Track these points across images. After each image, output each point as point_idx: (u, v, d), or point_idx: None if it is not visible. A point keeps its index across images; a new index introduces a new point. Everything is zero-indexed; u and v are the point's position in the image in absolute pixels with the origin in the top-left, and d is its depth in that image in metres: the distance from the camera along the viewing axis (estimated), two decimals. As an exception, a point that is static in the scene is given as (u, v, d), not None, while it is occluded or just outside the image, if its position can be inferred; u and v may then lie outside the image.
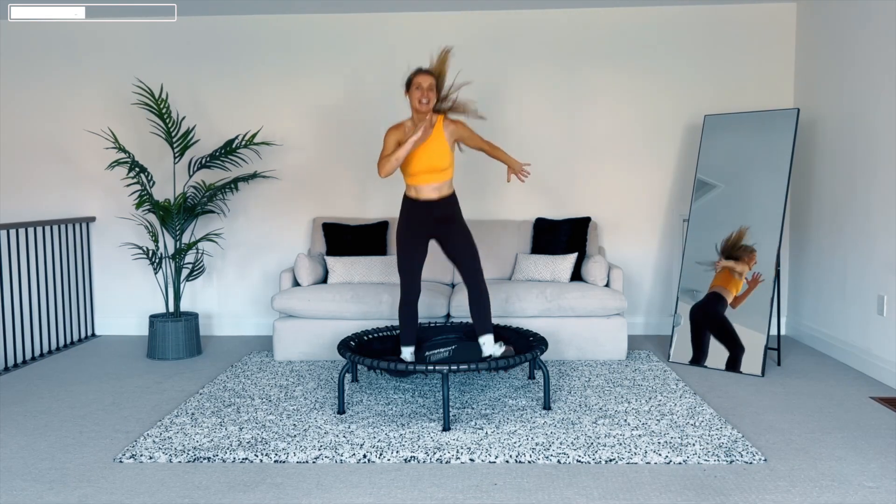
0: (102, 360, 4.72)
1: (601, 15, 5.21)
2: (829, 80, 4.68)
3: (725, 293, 4.41)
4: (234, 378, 4.19)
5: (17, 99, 5.38)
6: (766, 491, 2.66)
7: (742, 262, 4.37)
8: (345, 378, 3.96)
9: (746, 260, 4.36)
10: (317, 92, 5.33)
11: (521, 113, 5.27)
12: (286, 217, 5.42)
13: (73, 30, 5.32)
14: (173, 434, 3.26)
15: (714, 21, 5.18)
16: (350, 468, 2.90)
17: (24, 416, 3.58)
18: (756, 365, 4.19)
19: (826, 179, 4.70)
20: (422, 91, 3.55)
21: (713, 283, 4.48)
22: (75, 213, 5.42)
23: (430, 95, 3.56)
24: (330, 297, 4.54)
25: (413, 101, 3.59)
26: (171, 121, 4.83)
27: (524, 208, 5.33)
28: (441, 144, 3.62)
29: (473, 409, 3.57)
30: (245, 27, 5.30)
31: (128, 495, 2.68)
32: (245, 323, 5.49)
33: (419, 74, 3.59)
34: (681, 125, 5.26)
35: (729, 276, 4.42)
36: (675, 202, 5.31)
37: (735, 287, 4.38)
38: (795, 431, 3.27)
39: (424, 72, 3.60)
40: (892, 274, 3.96)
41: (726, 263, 4.42)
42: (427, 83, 3.56)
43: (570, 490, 2.68)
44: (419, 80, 3.57)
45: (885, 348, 4.03)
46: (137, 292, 5.47)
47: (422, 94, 3.55)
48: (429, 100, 3.56)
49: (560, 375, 4.17)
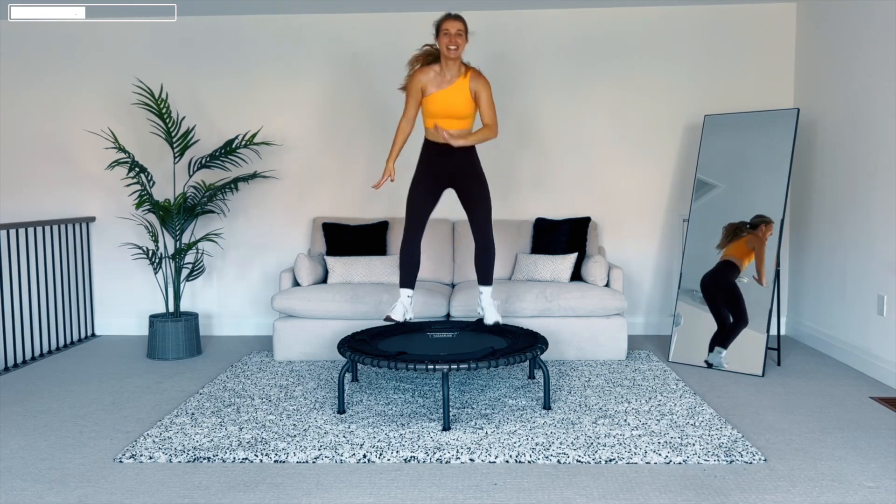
0: (102, 360, 4.72)
1: (601, 15, 5.21)
2: (829, 80, 4.68)
3: (738, 262, 4.38)
4: (234, 378, 4.19)
5: (17, 99, 5.38)
6: (766, 491, 2.66)
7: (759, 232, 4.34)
8: (345, 378, 3.96)
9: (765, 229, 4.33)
10: (317, 92, 5.33)
11: (521, 113, 5.26)
12: (286, 217, 5.42)
13: (73, 30, 5.32)
14: (173, 434, 3.26)
15: (714, 21, 5.18)
16: (350, 468, 2.90)
17: (24, 416, 3.58)
18: (756, 365, 4.19)
19: (826, 179, 4.70)
20: (450, 37, 3.57)
21: (726, 253, 4.46)
22: (75, 213, 5.42)
23: (457, 41, 3.57)
24: (330, 297, 4.54)
25: (441, 46, 3.61)
26: (171, 121, 4.83)
27: (524, 208, 5.33)
28: (464, 94, 3.67)
29: (473, 408, 3.57)
30: (245, 27, 5.30)
31: (128, 495, 2.68)
32: (245, 323, 5.49)
33: (448, 20, 3.61)
34: (681, 125, 5.26)
35: (742, 246, 4.39)
36: (675, 202, 5.31)
37: (748, 258, 4.35)
38: (795, 431, 3.27)
39: (453, 17, 3.61)
40: (892, 274, 3.96)
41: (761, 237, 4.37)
42: (455, 28, 3.57)
43: (570, 490, 2.68)
44: (447, 26, 3.58)
45: (885, 348, 4.03)
46: (137, 292, 5.47)
47: (450, 41, 3.57)
48: (457, 46, 3.57)
49: (560, 375, 4.17)
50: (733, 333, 4.27)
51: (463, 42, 3.60)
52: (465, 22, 3.67)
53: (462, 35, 3.60)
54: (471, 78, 3.69)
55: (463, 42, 3.60)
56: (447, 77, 3.70)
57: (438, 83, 3.71)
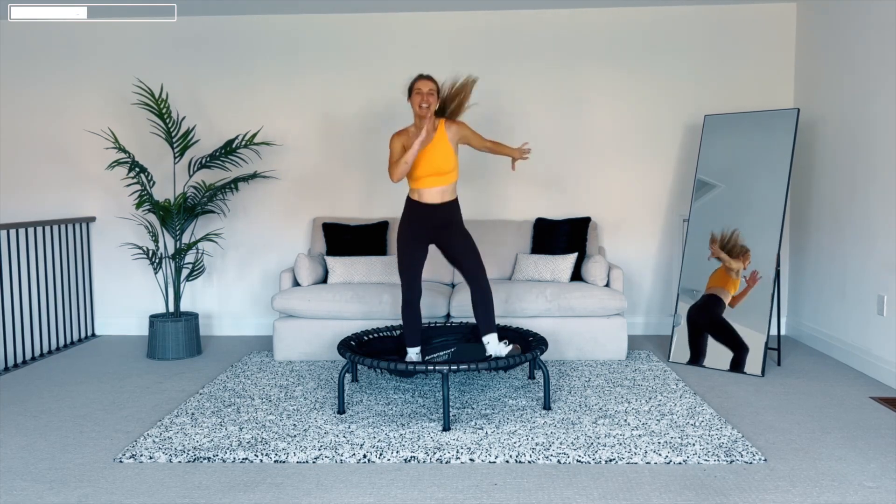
0: (102, 360, 4.72)
1: (601, 15, 5.21)
2: (829, 80, 4.68)
3: (723, 294, 4.41)
4: (234, 378, 4.19)
5: (17, 99, 5.38)
6: (766, 491, 2.66)
7: (737, 260, 4.37)
8: (345, 378, 3.96)
9: (741, 259, 4.36)
10: (317, 92, 5.33)
11: (521, 113, 5.27)
12: (286, 217, 5.42)
13: (73, 30, 5.32)
14: (173, 434, 3.26)
15: (714, 21, 5.18)
16: (350, 468, 2.90)
17: (24, 416, 3.58)
18: (756, 365, 4.19)
19: (826, 179, 4.70)
20: (422, 96, 3.64)
21: (710, 285, 4.48)
22: (75, 213, 5.42)
23: (429, 100, 3.64)
24: (330, 297, 4.54)
25: (414, 105, 3.67)
26: (171, 121, 4.83)
27: (524, 208, 5.33)
28: (444, 147, 3.67)
29: (473, 409, 3.57)
30: (245, 27, 5.30)
31: (128, 495, 2.68)
32: (245, 323, 5.49)
33: (420, 80, 3.69)
34: (681, 125, 5.26)
35: (725, 276, 4.42)
36: (675, 202, 5.31)
37: (733, 287, 4.38)
38: (795, 431, 3.27)
39: (425, 77, 3.70)
40: (892, 274, 3.96)
41: (721, 254, 4.42)
42: (427, 88, 3.65)
43: (570, 490, 2.68)
44: (419, 86, 3.67)
45: (885, 348, 4.03)
46: (137, 292, 5.47)
47: (422, 99, 3.64)
48: (429, 104, 3.64)
49: (560, 375, 4.17)
50: (741, 362, 4.24)
51: (434, 101, 3.65)
52: (437, 81, 3.71)
53: (433, 94, 3.64)
54: (445, 126, 3.71)
55: (434, 101, 3.65)
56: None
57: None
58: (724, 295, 4.40)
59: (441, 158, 3.65)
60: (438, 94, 3.69)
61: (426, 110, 3.62)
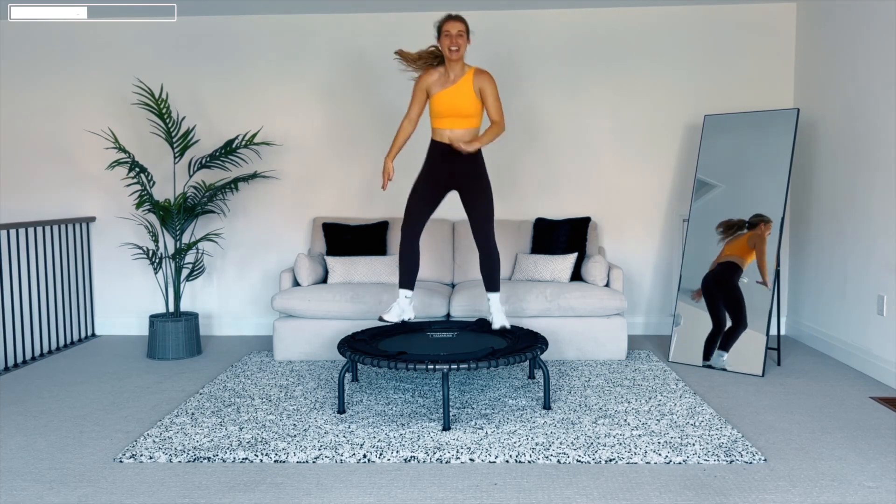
0: (102, 360, 4.72)
1: (601, 15, 5.21)
2: (829, 80, 4.68)
3: (739, 261, 4.37)
4: (234, 378, 4.19)
5: (17, 99, 5.38)
6: (766, 491, 2.66)
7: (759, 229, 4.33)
8: (345, 378, 3.96)
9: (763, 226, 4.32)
10: (317, 92, 5.33)
11: (521, 113, 5.26)
12: (286, 217, 5.42)
13: (73, 30, 5.32)
14: (173, 434, 3.26)
15: (714, 21, 5.18)
16: (350, 468, 2.90)
17: (24, 416, 3.58)
18: (756, 365, 4.19)
19: (826, 179, 4.70)
20: (451, 38, 3.59)
21: (726, 253, 4.44)
22: (75, 213, 5.42)
23: (458, 42, 3.60)
24: (330, 297, 4.54)
25: (443, 48, 3.64)
26: (171, 121, 4.83)
27: (524, 208, 5.33)
28: (467, 92, 3.67)
29: (473, 408, 3.57)
30: (245, 27, 5.30)
31: (128, 495, 2.68)
32: (245, 323, 5.49)
33: (448, 21, 3.64)
34: (681, 125, 5.26)
35: (744, 244, 4.38)
36: (675, 202, 5.31)
37: (749, 256, 4.34)
38: (795, 431, 3.27)
39: (454, 18, 3.64)
40: (892, 274, 3.96)
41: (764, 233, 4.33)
42: (456, 30, 3.60)
43: (570, 490, 2.68)
44: (448, 28, 3.61)
45: (885, 348, 4.03)
46: (137, 292, 5.47)
47: (451, 41, 3.59)
48: (458, 46, 3.60)
49: (560, 375, 4.17)
50: (733, 337, 4.26)
51: (464, 42, 3.62)
52: (466, 22, 3.69)
53: (463, 35, 3.62)
54: (474, 75, 3.70)
55: (464, 42, 3.62)
56: (451, 77, 3.72)
57: (443, 83, 3.74)
58: (741, 263, 4.37)
59: (462, 101, 3.66)
60: (468, 34, 3.67)
61: (457, 52, 3.58)
